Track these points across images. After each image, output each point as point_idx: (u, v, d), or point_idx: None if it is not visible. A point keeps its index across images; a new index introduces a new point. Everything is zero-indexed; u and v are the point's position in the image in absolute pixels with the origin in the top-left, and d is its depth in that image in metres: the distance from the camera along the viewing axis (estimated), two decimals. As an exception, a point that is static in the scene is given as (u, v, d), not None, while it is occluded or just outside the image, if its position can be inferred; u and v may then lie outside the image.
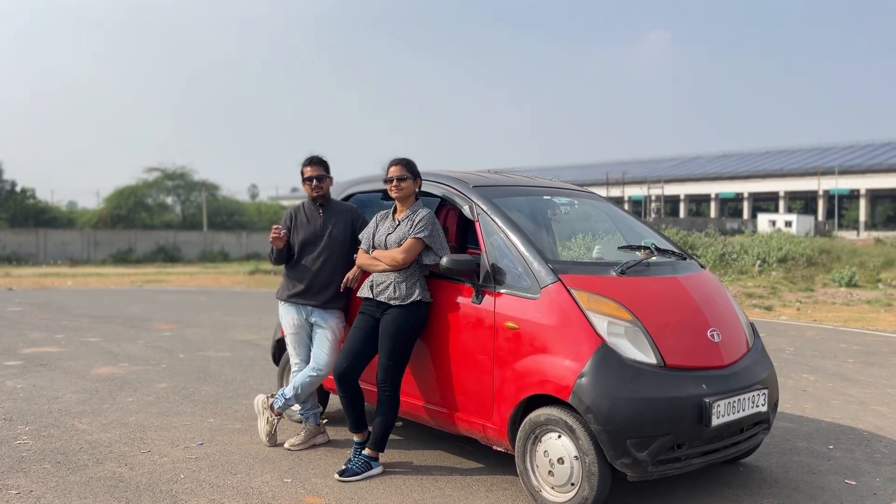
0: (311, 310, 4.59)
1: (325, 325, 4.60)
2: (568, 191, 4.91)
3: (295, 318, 4.64)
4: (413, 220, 4.17)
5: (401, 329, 4.13)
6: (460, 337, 4.04)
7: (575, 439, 3.49)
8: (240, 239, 43.81)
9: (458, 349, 4.06)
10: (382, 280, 4.18)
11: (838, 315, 13.00)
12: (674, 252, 4.39)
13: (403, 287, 4.13)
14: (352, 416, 4.27)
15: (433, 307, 4.20)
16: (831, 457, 4.54)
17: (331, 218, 4.62)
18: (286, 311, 4.68)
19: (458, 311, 4.07)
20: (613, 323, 3.58)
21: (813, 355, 8.22)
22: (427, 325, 4.20)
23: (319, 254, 4.57)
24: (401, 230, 4.18)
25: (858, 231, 60.94)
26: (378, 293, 4.18)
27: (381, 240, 4.22)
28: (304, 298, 4.59)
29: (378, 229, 4.30)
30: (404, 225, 4.18)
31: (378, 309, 4.19)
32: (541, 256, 3.80)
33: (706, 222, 53.91)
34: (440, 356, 4.16)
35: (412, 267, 4.15)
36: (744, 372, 3.78)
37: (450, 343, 4.10)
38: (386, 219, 4.33)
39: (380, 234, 4.26)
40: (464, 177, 4.43)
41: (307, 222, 4.64)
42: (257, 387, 6.49)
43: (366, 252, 4.31)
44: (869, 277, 20.32)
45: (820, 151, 76.55)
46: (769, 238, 30.76)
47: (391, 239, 4.18)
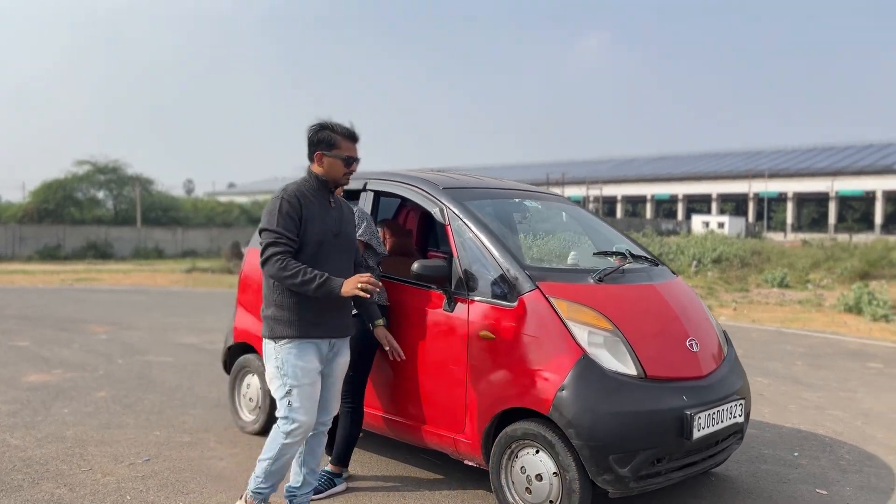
0: (333, 343, 3.44)
1: (342, 358, 3.51)
2: (536, 193, 4.77)
3: (315, 362, 3.31)
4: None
5: (360, 337, 3.93)
6: (430, 346, 3.86)
7: (554, 455, 3.35)
8: (175, 235, 42.48)
9: (428, 359, 3.87)
10: None
11: (774, 315, 13.32)
12: (646, 258, 4.30)
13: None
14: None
15: (401, 315, 4.00)
16: (798, 464, 4.54)
17: (341, 211, 3.50)
18: (302, 352, 3.27)
19: (428, 320, 3.88)
20: (594, 333, 3.45)
21: (762, 358, 8.33)
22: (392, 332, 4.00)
23: (340, 259, 3.40)
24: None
25: (786, 233, 63.25)
26: None
27: None
28: (329, 329, 3.35)
29: None
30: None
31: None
32: (518, 263, 3.64)
33: (643, 223, 55.04)
34: (408, 367, 3.96)
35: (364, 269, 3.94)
36: (721, 382, 3.71)
37: (419, 353, 3.91)
38: None
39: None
40: (432, 178, 4.25)
41: (319, 214, 3.34)
42: (205, 395, 6.16)
43: None
44: (798, 278, 20.98)
45: (751, 155, 79.12)
46: (704, 239, 31.57)
47: None
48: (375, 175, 4.49)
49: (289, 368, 3.23)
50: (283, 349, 3.25)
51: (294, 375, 3.23)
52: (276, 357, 3.26)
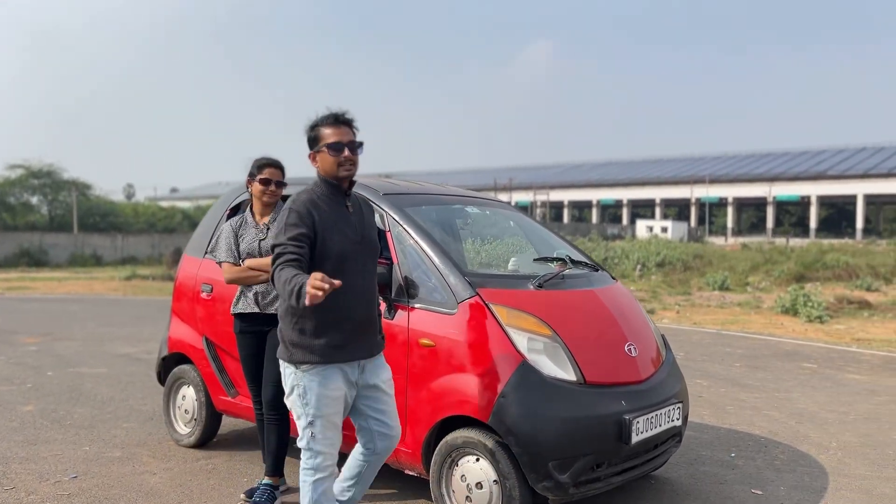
0: (363, 366, 3.01)
1: (382, 374, 3.09)
2: (478, 199, 4.75)
3: (342, 388, 2.94)
4: None
5: None
6: (370, 355, 3.78)
7: (494, 462, 3.31)
8: (114, 241, 41.31)
9: (367, 368, 3.80)
10: (268, 290, 3.86)
11: (715, 318, 13.62)
12: (587, 263, 4.32)
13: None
14: None
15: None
16: (735, 465, 4.61)
17: (361, 214, 3.07)
18: (327, 379, 2.88)
19: (367, 328, 3.80)
20: (533, 339, 3.44)
21: (702, 360, 8.49)
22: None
23: (366, 269, 3.00)
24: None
25: (726, 237, 65.01)
26: (266, 305, 3.86)
27: (253, 247, 3.85)
28: (356, 351, 2.94)
29: (241, 238, 3.90)
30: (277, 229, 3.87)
31: (266, 323, 3.86)
32: (457, 269, 3.61)
33: (589, 228, 55.85)
34: (348, 375, 3.88)
35: None
36: (659, 386, 3.74)
37: (359, 361, 3.83)
38: (245, 226, 3.93)
39: (247, 242, 3.87)
40: (373, 183, 4.18)
41: (336, 222, 2.90)
42: (139, 407, 5.95)
43: (235, 265, 3.85)
44: (738, 281, 21.54)
45: (692, 161, 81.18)
46: (648, 243, 32.25)
47: (266, 245, 3.84)
48: (304, 181, 4.40)
49: (312, 397, 2.87)
50: (305, 376, 2.88)
51: (317, 405, 2.87)
52: (297, 384, 2.90)
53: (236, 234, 3.90)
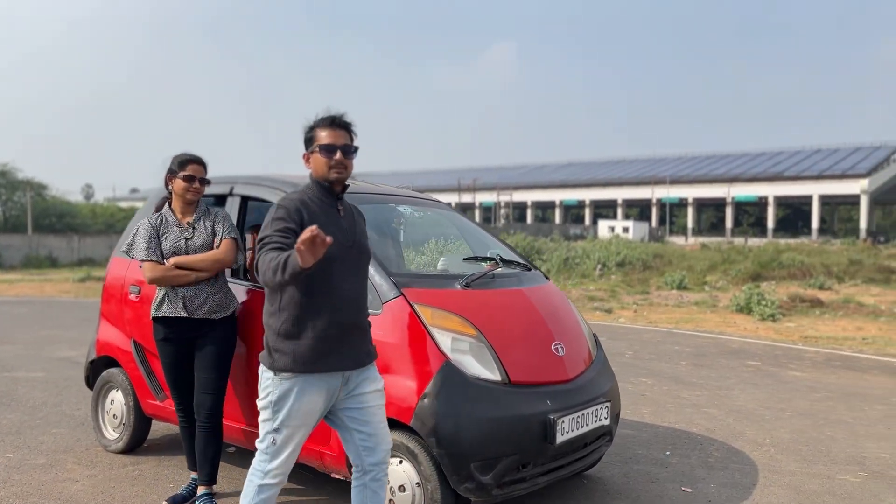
0: (348, 377, 2.81)
1: (371, 387, 2.87)
2: (414, 199, 4.70)
3: (320, 402, 2.76)
4: (214, 220, 3.80)
5: (229, 346, 3.77)
6: (296, 356, 3.72)
7: (417, 465, 3.27)
8: (70, 243, 40.42)
9: (293, 370, 3.73)
10: (196, 293, 3.70)
11: (671, 316, 13.77)
12: (519, 263, 4.30)
13: (221, 297, 3.76)
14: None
15: (260, 323, 3.85)
16: (668, 463, 4.63)
17: (352, 219, 2.95)
18: (305, 390, 2.71)
19: (293, 329, 3.74)
20: (457, 339, 3.40)
21: (650, 358, 8.56)
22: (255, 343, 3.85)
23: (357, 275, 2.87)
24: (202, 233, 3.75)
25: (686, 237, 65.98)
26: (194, 309, 3.69)
27: (179, 246, 3.70)
28: (342, 360, 2.77)
29: (164, 237, 3.73)
30: (204, 227, 3.77)
31: (194, 329, 3.70)
32: (383, 269, 3.56)
33: (551, 228, 56.21)
34: (274, 378, 3.81)
35: (221, 274, 3.79)
36: (587, 385, 3.73)
37: (284, 363, 3.76)
38: (166, 225, 3.77)
39: (171, 240, 3.71)
40: (301, 182, 4.11)
41: (325, 225, 2.74)
42: (71, 412, 5.79)
43: (158, 263, 3.70)
44: (697, 280, 21.84)
45: (654, 162, 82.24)
46: (609, 244, 32.52)
47: (194, 244, 3.71)
48: (243, 179, 4.32)
49: (284, 407, 2.70)
50: (282, 384, 2.71)
51: (287, 416, 2.71)
52: (272, 391, 2.73)
53: (157, 232, 3.74)
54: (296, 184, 4.05)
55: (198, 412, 3.74)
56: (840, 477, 4.39)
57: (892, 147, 71.48)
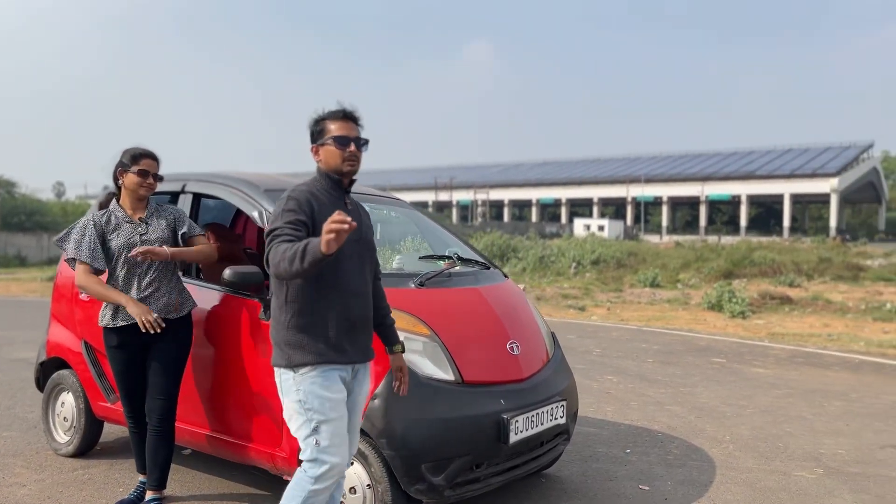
0: (356, 369, 2.83)
1: (363, 387, 2.90)
2: (373, 196, 4.65)
3: (343, 392, 2.73)
4: (171, 218, 3.70)
5: (185, 346, 3.69)
6: (246, 358, 3.65)
7: (367, 466, 3.22)
8: (40, 241, 39.78)
9: (244, 372, 3.66)
10: (154, 294, 3.56)
11: (643, 314, 13.85)
12: (477, 261, 4.27)
13: (177, 296, 3.66)
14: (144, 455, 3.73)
15: (216, 325, 3.78)
16: (628, 461, 4.63)
17: (358, 213, 2.90)
18: (328, 380, 2.67)
19: (243, 329, 3.67)
20: (410, 339, 3.36)
21: (618, 356, 8.58)
22: (207, 343, 3.79)
23: (362, 269, 2.83)
24: (157, 229, 3.63)
25: (661, 235, 66.52)
26: (159, 312, 3.56)
27: (134, 243, 3.53)
28: (353, 352, 2.75)
29: (116, 234, 3.56)
30: (157, 223, 3.64)
31: (148, 331, 3.52)
32: (334, 268, 3.50)
33: (528, 226, 56.38)
34: (225, 380, 3.75)
35: (177, 273, 3.70)
36: (542, 384, 3.70)
37: (235, 365, 3.70)
38: (116, 222, 3.59)
39: (123, 237, 3.55)
40: (256, 179, 4.04)
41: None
42: (24, 415, 5.65)
43: (92, 271, 3.52)
44: (669, 278, 22.01)
45: (629, 161, 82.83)
46: (583, 242, 32.71)
47: (149, 240, 3.56)
48: (195, 176, 4.24)
49: (314, 401, 2.63)
50: (305, 379, 2.64)
51: (321, 409, 2.63)
52: (297, 389, 2.65)
53: (102, 230, 3.57)
54: (250, 182, 3.98)
55: (150, 416, 3.64)
56: (796, 473, 4.42)
57: (861, 147, 72.67)
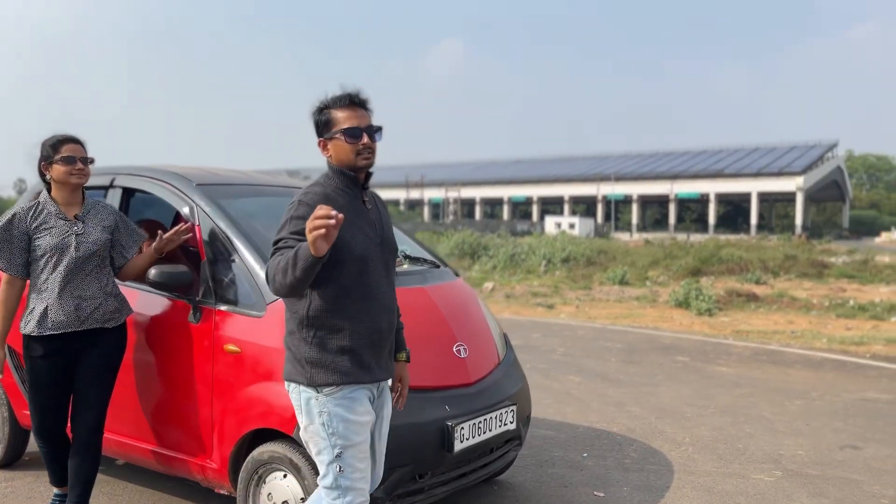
0: (382, 387, 2.63)
1: (387, 408, 2.70)
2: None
3: (370, 413, 2.52)
4: (109, 219, 3.40)
5: (119, 357, 3.45)
6: (175, 363, 3.44)
7: (301, 479, 3.03)
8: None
9: (172, 378, 3.46)
10: (90, 298, 3.28)
11: (611, 312, 13.78)
12: (426, 260, 4.09)
13: (115, 302, 3.42)
14: (60, 469, 3.47)
15: (145, 328, 3.56)
16: (584, 466, 4.48)
17: (377, 212, 2.63)
18: (354, 402, 2.46)
19: (172, 333, 3.46)
20: (347, 342, 3.16)
21: (581, 355, 8.46)
22: (136, 347, 3.56)
23: (389, 275, 2.59)
24: (95, 230, 3.32)
25: (631, 233, 66.93)
26: (87, 317, 3.27)
27: (68, 243, 3.23)
28: (379, 369, 2.53)
29: (46, 232, 3.23)
30: (95, 223, 3.34)
31: (80, 339, 3.29)
32: (268, 267, 3.29)
33: (499, 224, 56.38)
34: (153, 386, 3.53)
35: (112, 276, 3.46)
36: (491, 389, 3.53)
37: (163, 370, 3.49)
38: (47, 217, 3.27)
39: (56, 237, 3.23)
40: (187, 173, 3.82)
41: (355, 219, 2.46)
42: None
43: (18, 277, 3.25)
44: (639, 275, 22.03)
45: (599, 160, 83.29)
46: (554, 240, 32.70)
47: (86, 241, 3.26)
48: (125, 170, 4.00)
49: (339, 425, 2.41)
50: (330, 400, 2.41)
51: (346, 434, 2.41)
52: (320, 411, 2.43)
53: (27, 226, 3.25)
54: (182, 175, 3.76)
55: (78, 430, 3.36)
56: (755, 476, 4.31)
57: (825, 146, 73.84)
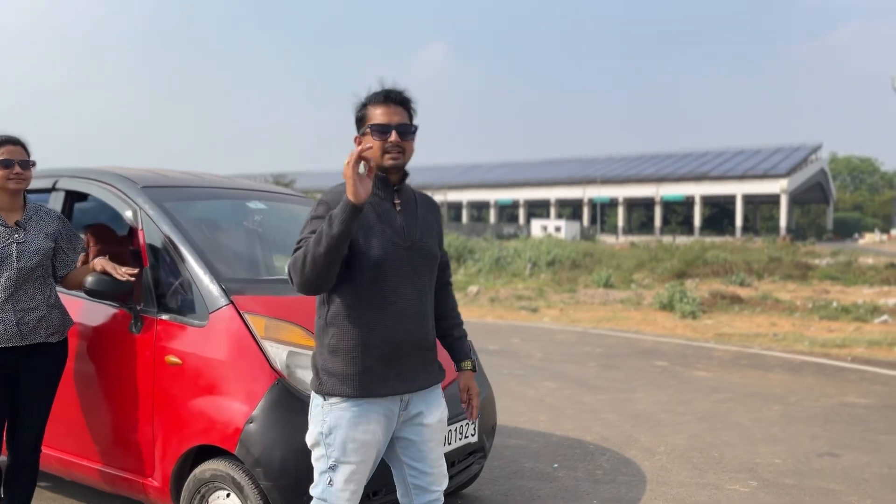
0: (408, 400, 2.41)
1: (433, 414, 2.47)
2: (268, 193, 4.26)
3: (379, 432, 2.36)
4: (52, 226, 3.18)
5: (61, 371, 3.25)
6: (116, 375, 3.25)
7: (243, 499, 2.85)
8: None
9: (114, 391, 3.27)
10: (32, 312, 3.07)
11: (595, 315, 13.65)
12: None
13: (58, 315, 3.21)
14: None
15: (85, 338, 3.37)
16: (554, 478, 4.32)
17: (413, 215, 2.46)
18: (361, 418, 2.31)
19: (113, 343, 3.27)
20: (297, 353, 2.98)
21: (560, 361, 8.31)
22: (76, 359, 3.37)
23: (417, 283, 2.39)
24: (37, 237, 3.10)
25: (618, 235, 67.03)
26: (29, 332, 3.07)
27: (9, 253, 3.01)
28: (404, 381, 2.36)
29: None
30: (37, 231, 3.12)
31: (21, 355, 3.07)
32: (212, 274, 3.11)
33: (486, 227, 56.29)
34: (95, 400, 3.34)
35: (55, 287, 3.26)
36: (450, 400, 3.35)
37: (105, 383, 3.30)
38: None
39: None
40: (132, 175, 3.63)
41: (378, 220, 2.35)
42: None
43: None
44: (623, 278, 21.94)
45: (585, 163, 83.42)
46: (540, 243, 32.64)
47: (28, 250, 3.05)
48: (68, 172, 3.82)
49: (337, 438, 2.31)
50: (333, 410, 2.32)
51: (342, 448, 2.32)
52: (322, 420, 2.34)
53: None
54: (126, 177, 3.57)
55: (17, 447, 3.17)
56: (729, 487, 4.16)
57: (809, 148, 74.32)
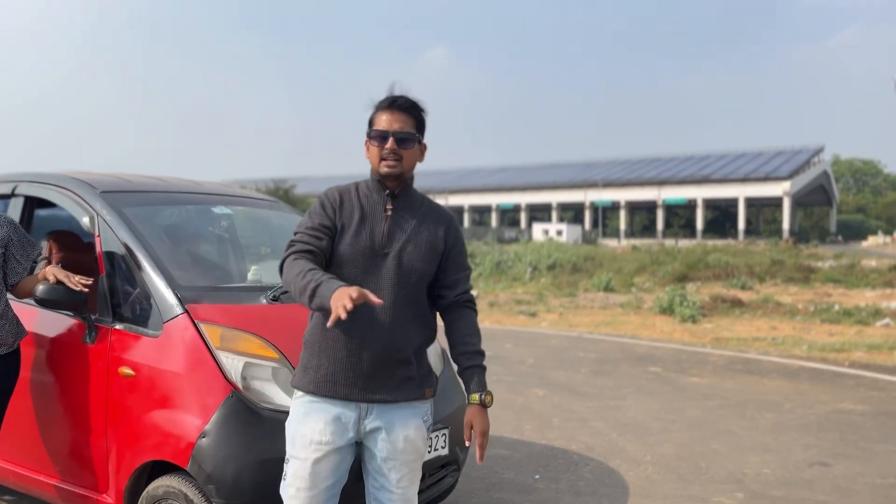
0: (368, 410, 2.31)
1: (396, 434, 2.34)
2: (239, 198, 4.14)
3: (327, 433, 2.26)
4: (2, 228, 3.07)
5: (12, 383, 3.13)
6: (70, 387, 3.13)
7: (197, 517, 2.72)
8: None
9: (67, 403, 3.15)
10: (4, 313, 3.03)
11: (594, 319, 13.50)
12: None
13: (10, 327, 3.09)
14: None
15: (39, 349, 3.25)
16: (535, 489, 4.19)
17: (405, 221, 2.41)
18: (311, 414, 2.29)
19: (67, 354, 3.15)
20: (253, 364, 2.86)
21: (551, 367, 8.17)
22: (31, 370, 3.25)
23: (385, 291, 2.28)
24: None
25: (619, 239, 66.81)
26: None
27: None
28: (361, 388, 2.28)
29: None
30: None
31: None
32: (167, 282, 2.99)
33: (486, 231, 56.17)
34: (49, 413, 3.22)
35: (4, 297, 3.14)
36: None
37: (59, 395, 3.18)
38: None
39: None
40: (92, 179, 3.51)
41: (360, 221, 2.32)
42: None
43: None
44: (624, 282, 21.80)
45: (587, 166, 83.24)
46: (540, 247, 32.54)
47: None
48: (27, 177, 3.70)
49: (290, 429, 2.33)
50: (294, 403, 2.36)
51: (291, 441, 2.32)
52: (291, 411, 2.38)
53: None
54: (84, 182, 3.46)
55: None
56: (715, 499, 4.03)
57: (812, 150, 74.03)
